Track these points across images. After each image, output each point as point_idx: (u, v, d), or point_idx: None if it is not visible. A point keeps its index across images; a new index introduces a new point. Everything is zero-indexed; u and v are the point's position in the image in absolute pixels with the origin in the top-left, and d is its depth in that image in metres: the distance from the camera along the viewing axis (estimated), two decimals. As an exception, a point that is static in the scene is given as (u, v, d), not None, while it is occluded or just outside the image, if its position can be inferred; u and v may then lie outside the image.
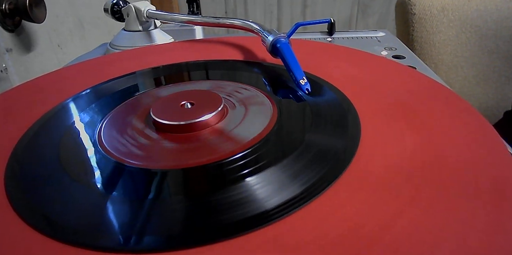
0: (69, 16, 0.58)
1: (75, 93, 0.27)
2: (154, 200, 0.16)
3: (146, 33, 0.42)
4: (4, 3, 0.42)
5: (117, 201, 0.16)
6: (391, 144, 0.19)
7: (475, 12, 0.67)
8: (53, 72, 0.31)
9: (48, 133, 0.22)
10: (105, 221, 0.15)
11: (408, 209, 0.14)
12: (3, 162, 0.19)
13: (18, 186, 0.17)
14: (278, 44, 0.28)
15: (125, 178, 0.18)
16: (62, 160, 0.19)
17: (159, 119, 0.21)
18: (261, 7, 1.16)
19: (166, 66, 0.31)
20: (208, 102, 0.22)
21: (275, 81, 0.27)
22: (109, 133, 0.21)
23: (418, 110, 0.21)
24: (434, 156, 0.17)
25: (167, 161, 0.19)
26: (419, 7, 0.67)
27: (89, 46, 0.60)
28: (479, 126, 0.19)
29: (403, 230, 0.13)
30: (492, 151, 0.17)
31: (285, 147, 0.19)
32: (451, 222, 0.14)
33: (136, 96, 0.26)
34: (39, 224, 0.15)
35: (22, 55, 0.47)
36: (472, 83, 0.70)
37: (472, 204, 0.14)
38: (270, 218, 0.14)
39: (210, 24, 0.37)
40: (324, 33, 0.49)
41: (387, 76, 0.26)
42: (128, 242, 0.14)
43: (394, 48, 0.42)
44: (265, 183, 0.16)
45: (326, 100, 0.23)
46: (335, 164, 0.17)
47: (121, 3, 0.43)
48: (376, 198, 0.15)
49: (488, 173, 0.16)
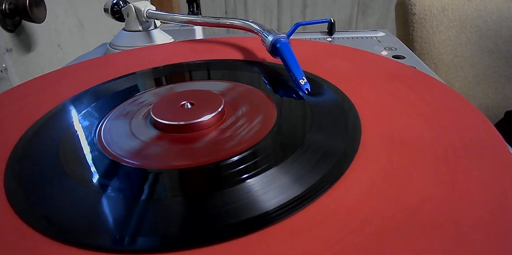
0: (69, 16, 0.58)
1: (75, 93, 0.27)
2: (154, 200, 0.16)
3: (146, 33, 0.42)
4: (4, 3, 0.42)
5: (117, 201, 0.16)
6: (392, 142, 0.19)
7: (475, 12, 0.67)
8: (53, 72, 0.31)
9: (48, 133, 0.22)
10: (105, 221, 0.15)
11: (411, 207, 0.14)
12: (3, 161, 0.19)
13: (17, 186, 0.17)
14: (278, 44, 0.28)
15: (125, 178, 0.18)
16: (62, 160, 0.19)
17: (159, 119, 0.21)
18: (261, 7, 1.16)
19: (166, 66, 0.31)
20: (208, 102, 0.22)
21: (275, 81, 0.27)
22: (109, 133, 0.21)
23: (419, 109, 0.21)
24: (435, 155, 0.17)
25: (167, 161, 0.19)
26: (419, 7, 0.67)
27: (89, 46, 0.60)
28: (481, 125, 0.19)
29: (404, 230, 0.13)
30: (492, 151, 0.17)
31: (285, 147, 0.19)
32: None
33: (136, 96, 0.26)
34: (38, 223, 0.15)
35: (22, 55, 0.47)
36: (472, 83, 0.70)
37: (471, 204, 0.14)
38: (271, 219, 0.14)
39: (210, 24, 0.37)
40: (324, 33, 0.49)
41: (388, 76, 0.26)
42: (128, 242, 0.14)
43: (394, 48, 0.42)
44: (265, 184, 0.16)
45: (326, 100, 0.23)
46: (336, 164, 0.17)
47: (121, 3, 0.43)
48: (378, 197, 0.15)
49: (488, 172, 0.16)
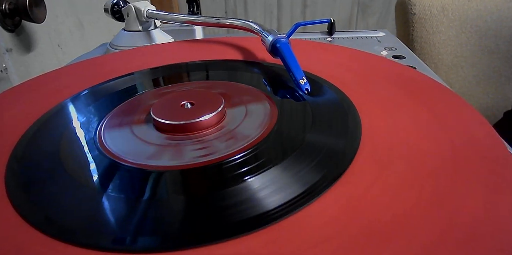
0: (69, 16, 0.58)
1: (75, 93, 0.27)
2: (155, 200, 0.16)
3: (146, 33, 0.42)
4: (4, 3, 0.42)
5: (118, 201, 0.16)
6: (392, 143, 0.19)
7: (475, 12, 0.67)
8: (52, 72, 0.31)
9: (48, 132, 0.22)
10: (105, 221, 0.15)
11: (411, 207, 0.14)
12: (3, 161, 0.19)
13: (18, 186, 0.17)
14: (278, 44, 0.28)
15: (125, 178, 0.18)
16: (62, 159, 0.19)
17: (159, 119, 0.21)
18: (261, 7, 1.16)
19: (166, 66, 0.31)
20: (208, 102, 0.22)
21: (275, 81, 0.27)
22: (109, 132, 0.21)
23: (419, 109, 0.21)
24: (434, 156, 0.17)
25: (167, 161, 0.19)
26: (419, 7, 0.67)
27: (89, 46, 0.60)
28: (479, 126, 0.19)
29: (407, 230, 0.13)
30: (492, 150, 0.17)
31: (285, 147, 0.19)
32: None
33: (136, 96, 0.26)
34: (39, 223, 0.15)
35: (22, 55, 0.47)
36: (472, 83, 0.70)
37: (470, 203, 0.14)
38: (271, 219, 0.14)
39: (210, 24, 0.37)
40: (324, 33, 0.49)
41: (388, 76, 0.26)
42: (129, 242, 0.14)
43: (394, 48, 0.42)
44: (266, 184, 0.16)
45: (326, 99, 0.23)
46: (336, 164, 0.17)
47: (121, 3, 0.43)
48: (378, 197, 0.15)
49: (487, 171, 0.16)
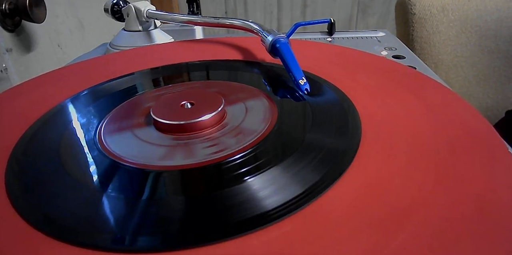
0: (69, 16, 0.58)
1: (75, 93, 0.27)
2: (155, 200, 0.16)
3: (146, 33, 0.42)
4: (4, 3, 0.42)
5: (118, 201, 0.16)
6: (391, 143, 0.19)
7: (475, 12, 0.67)
8: (52, 72, 0.31)
9: (48, 132, 0.22)
10: (105, 221, 0.15)
11: (411, 206, 0.14)
12: (4, 161, 0.19)
13: (18, 186, 0.17)
14: (278, 44, 0.28)
15: (125, 178, 0.18)
16: (62, 159, 0.19)
17: (159, 119, 0.21)
18: (261, 7, 1.16)
19: (166, 66, 0.31)
20: (208, 102, 0.22)
21: (275, 81, 0.27)
22: (109, 132, 0.21)
23: (419, 110, 0.21)
24: (434, 155, 0.17)
25: (168, 161, 0.19)
26: (419, 7, 0.67)
27: (89, 46, 0.60)
28: (479, 126, 0.19)
29: (409, 229, 0.13)
30: (492, 151, 0.17)
31: (285, 147, 0.19)
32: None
33: (136, 96, 0.26)
34: (39, 223, 0.15)
35: (22, 55, 0.47)
36: (472, 83, 0.70)
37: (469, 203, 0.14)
38: (271, 219, 0.14)
39: (210, 24, 0.37)
40: (324, 33, 0.49)
41: (387, 76, 0.26)
42: (128, 241, 0.14)
43: (394, 48, 0.42)
44: (265, 184, 0.16)
45: (326, 99, 0.23)
46: (336, 164, 0.17)
47: (121, 3, 0.43)
48: (378, 197, 0.15)
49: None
